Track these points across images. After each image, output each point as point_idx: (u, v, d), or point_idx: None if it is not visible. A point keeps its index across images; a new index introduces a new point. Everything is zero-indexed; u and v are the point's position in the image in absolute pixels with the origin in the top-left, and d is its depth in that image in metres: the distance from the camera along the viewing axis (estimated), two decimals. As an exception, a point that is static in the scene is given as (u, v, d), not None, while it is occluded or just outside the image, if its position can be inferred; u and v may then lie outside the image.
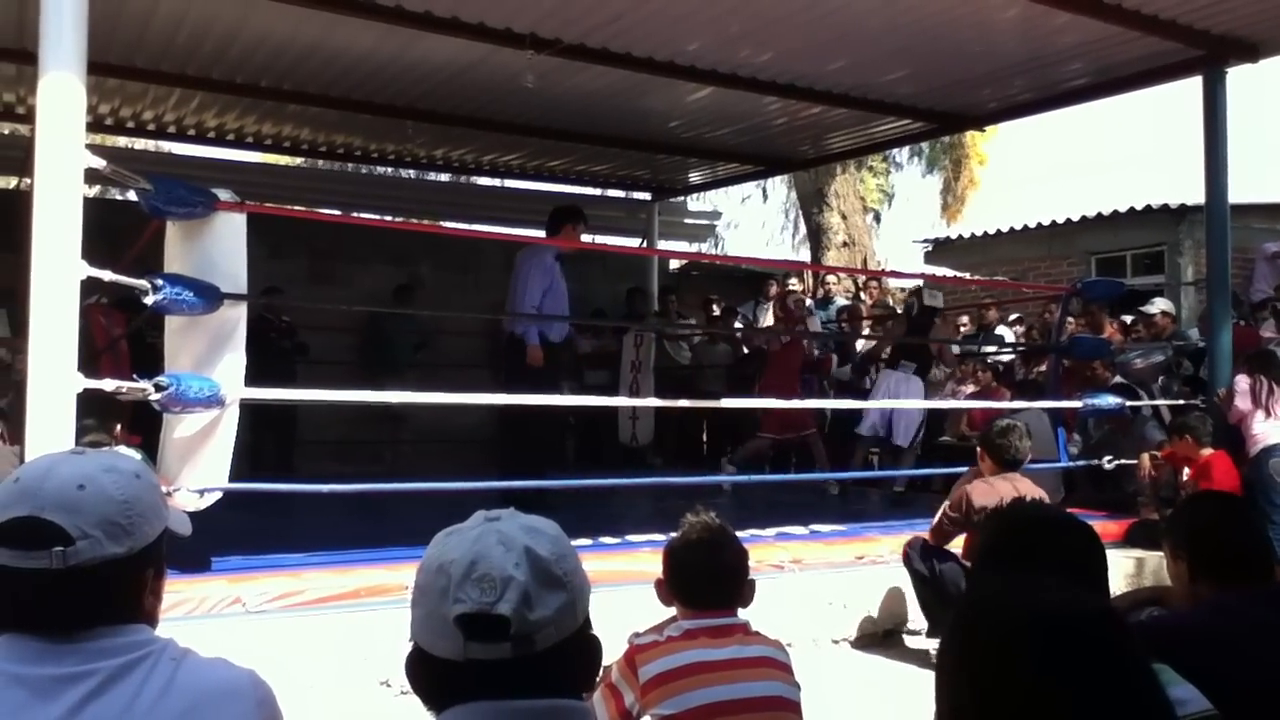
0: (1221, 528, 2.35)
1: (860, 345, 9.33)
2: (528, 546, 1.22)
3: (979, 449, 4.94)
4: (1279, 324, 7.99)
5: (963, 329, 10.02)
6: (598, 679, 1.31)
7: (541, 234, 11.21)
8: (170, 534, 1.52)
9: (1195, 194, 7.83)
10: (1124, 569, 5.46)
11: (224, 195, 4.03)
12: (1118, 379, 7.30)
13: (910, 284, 14.16)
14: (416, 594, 1.25)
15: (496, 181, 11.76)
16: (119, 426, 4.56)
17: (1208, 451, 5.96)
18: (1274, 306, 8.18)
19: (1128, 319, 8.36)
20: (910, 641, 5.06)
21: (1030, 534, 2.01)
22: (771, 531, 5.73)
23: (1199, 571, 2.33)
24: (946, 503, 4.82)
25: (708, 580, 2.53)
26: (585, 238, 11.65)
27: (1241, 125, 7.36)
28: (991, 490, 4.46)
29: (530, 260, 6.62)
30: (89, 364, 3.58)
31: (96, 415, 4.21)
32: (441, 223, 11.57)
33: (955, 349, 9.07)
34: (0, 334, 6.24)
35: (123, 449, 4.20)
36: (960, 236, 14.01)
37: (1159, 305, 8.22)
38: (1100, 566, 1.99)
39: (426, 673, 1.23)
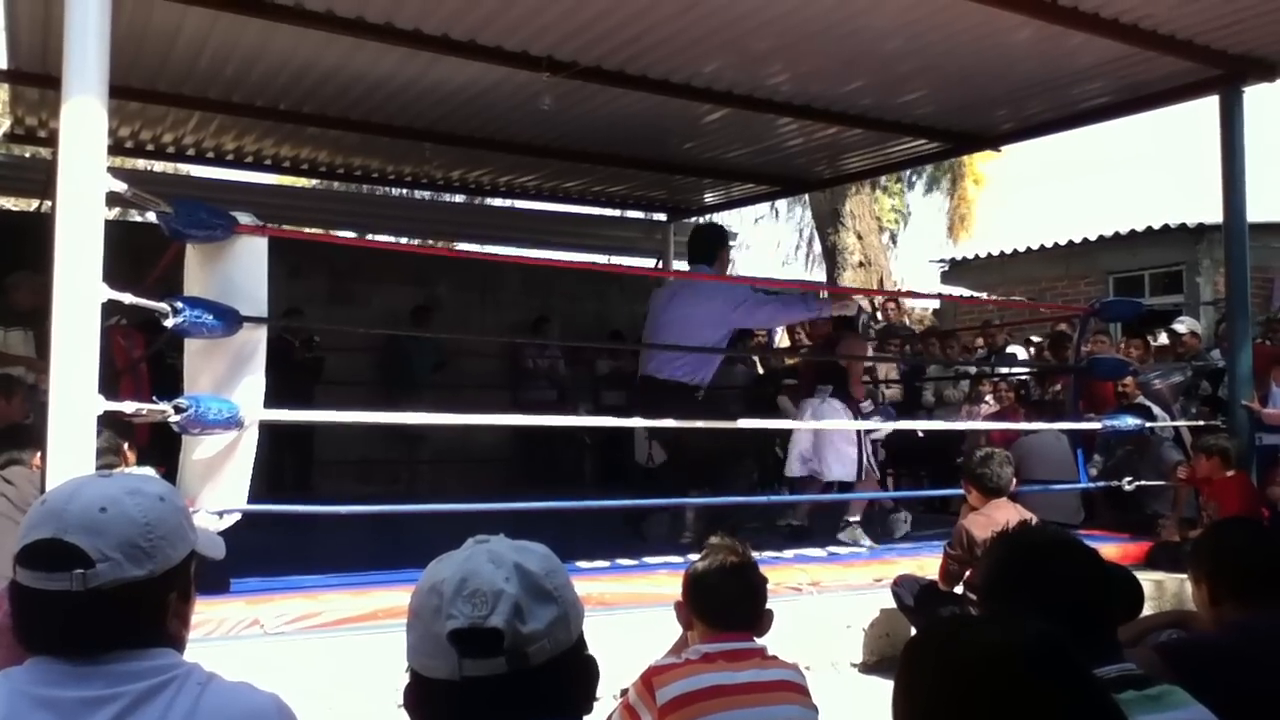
0: (1247, 551, 2.34)
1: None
2: (517, 563, 1.23)
3: (963, 481, 4.82)
4: (1275, 339, 7.90)
5: (979, 349, 9.97)
6: (595, 699, 1.31)
7: (552, 255, 11.40)
8: (200, 557, 1.52)
9: (1213, 213, 7.79)
10: (1145, 592, 5.39)
11: (245, 219, 4.02)
12: (1138, 399, 7.26)
13: (930, 304, 14.17)
14: (410, 618, 1.25)
15: (512, 202, 11.80)
16: (126, 445, 4.54)
17: (1230, 473, 5.91)
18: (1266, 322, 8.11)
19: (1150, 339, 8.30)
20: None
21: (1025, 563, 1.98)
22: (790, 553, 5.71)
23: (1223, 595, 2.32)
24: (947, 543, 4.72)
25: (730, 602, 2.52)
26: (599, 259, 11.82)
27: (1262, 144, 7.30)
28: (989, 521, 4.31)
29: (716, 292, 5.81)
30: (109, 385, 3.59)
31: (106, 437, 4.20)
32: (459, 244, 11.62)
33: (972, 369, 9.02)
34: (25, 354, 6.29)
35: (134, 470, 4.19)
36: (977, 256, 13.95)
37: (1187, 324, 8.16)
38: (1103, 590, 1.96)
39: (423, 699, 1.23)
